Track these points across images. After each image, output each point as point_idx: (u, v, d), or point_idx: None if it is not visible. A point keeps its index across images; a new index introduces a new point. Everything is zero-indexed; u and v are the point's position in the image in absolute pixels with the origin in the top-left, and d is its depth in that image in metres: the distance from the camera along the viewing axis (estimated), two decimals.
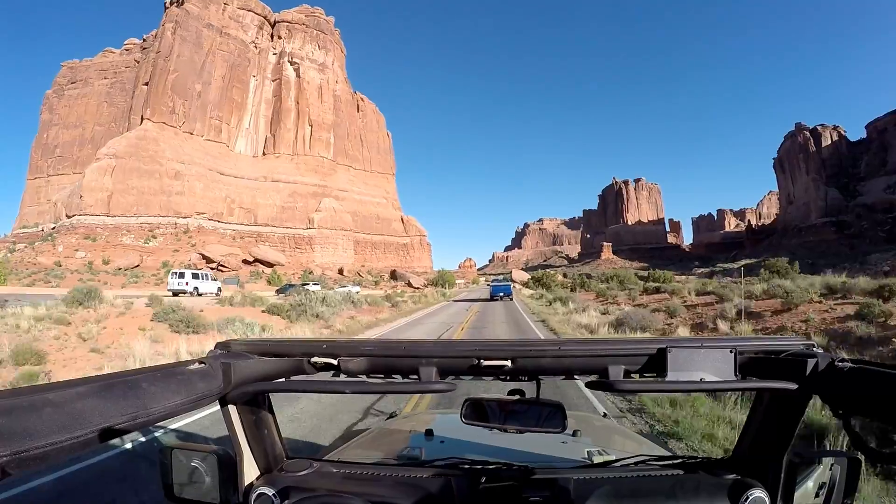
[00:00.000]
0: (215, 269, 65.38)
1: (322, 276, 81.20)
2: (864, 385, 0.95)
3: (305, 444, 5.27)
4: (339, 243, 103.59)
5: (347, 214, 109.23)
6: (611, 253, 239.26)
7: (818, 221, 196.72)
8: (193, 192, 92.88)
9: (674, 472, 1.38)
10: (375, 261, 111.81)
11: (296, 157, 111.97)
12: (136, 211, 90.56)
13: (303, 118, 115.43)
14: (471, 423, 1.32)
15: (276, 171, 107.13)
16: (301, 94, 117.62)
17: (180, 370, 1.01)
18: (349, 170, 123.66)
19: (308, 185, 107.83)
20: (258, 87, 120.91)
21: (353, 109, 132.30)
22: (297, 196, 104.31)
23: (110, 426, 0.74)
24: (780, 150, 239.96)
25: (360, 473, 1.42)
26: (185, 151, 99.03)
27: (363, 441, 2.25)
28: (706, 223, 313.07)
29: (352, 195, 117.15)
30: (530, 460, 1.54)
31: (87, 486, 4.46)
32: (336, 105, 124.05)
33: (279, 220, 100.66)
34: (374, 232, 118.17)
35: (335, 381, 1.24)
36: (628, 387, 1.12)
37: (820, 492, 1.17)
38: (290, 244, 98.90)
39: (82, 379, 0.80)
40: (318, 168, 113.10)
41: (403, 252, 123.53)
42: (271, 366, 1.24)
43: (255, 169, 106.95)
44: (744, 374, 1.14)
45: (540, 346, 1.21)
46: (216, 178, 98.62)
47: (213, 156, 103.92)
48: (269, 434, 1.39)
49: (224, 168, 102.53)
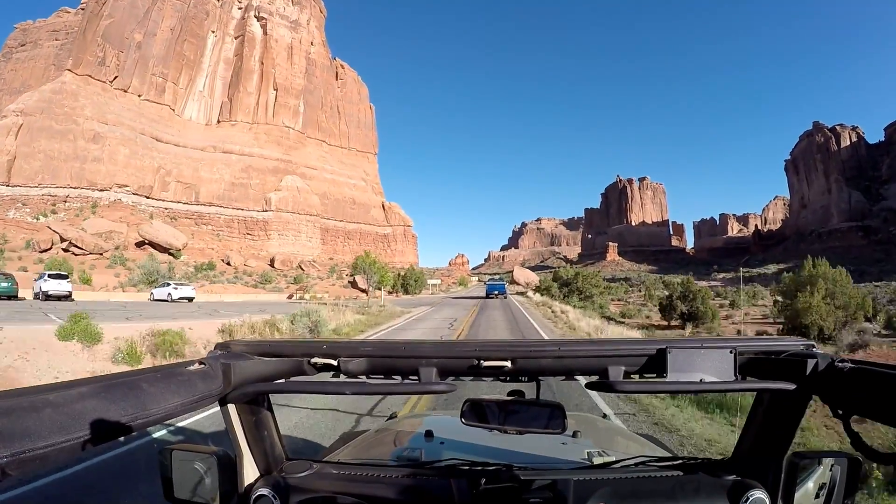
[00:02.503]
0: (65, 250, 46.18)
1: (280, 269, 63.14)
2: (864, 385, 0.95)
3: (305, 446, 5.25)
4: (303, 230, 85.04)
5: (315, 196, 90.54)
6: (616, 254, 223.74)
7: (843, 225, 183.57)
8: (115, 160, 74.02)
9: (674, 473, 1.38)
10: (348, 253, 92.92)
11: (255, 126, 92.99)
12: (41, 180, 71.66)
13: (267, 81, 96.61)
14: (470, 424, 1.33)
15: (229, 141, 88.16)
16: (267, 53, 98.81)
17: (180, 371, 1.01)
18: (321, 145, 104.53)
19: (268, 160, 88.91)
20: (217, 45, 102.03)
21: (331, 77, 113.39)
22: (252, 171, 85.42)
23: (110, 427, 0.74)
24: (794, 151, 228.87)
25: (359, 475, 1.42)
26: (112, 110, 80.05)
27: (363, 442, 2.23)
28: (707, 227, 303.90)
29: (322, 174, 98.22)
30: (530, 461, 1.55)
31: (88, 485, 4.48)
32: (309, 70, 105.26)
33: (227, 198, 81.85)
34: (349, 219, 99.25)
35: (335, 382, 1.22)
36: (628, 387, 1.13)
37: (820, 492, 1.17)
38: (240, 229, 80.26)
39: (83, 380, 0.81)
40: (282, 140, 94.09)
41: (383, 244, 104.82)
42: (271, 366, 1.24)
43: (202, 137, 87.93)
44: (744, 374, 1.15)
45: (540, 346, 1.21)
46: (150, 144, 79.75)
47: (152, 119, 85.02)
48: (268, 435, 1.38)
49: (163, 134, 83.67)
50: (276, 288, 53.45)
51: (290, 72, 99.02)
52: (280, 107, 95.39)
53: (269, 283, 54.40)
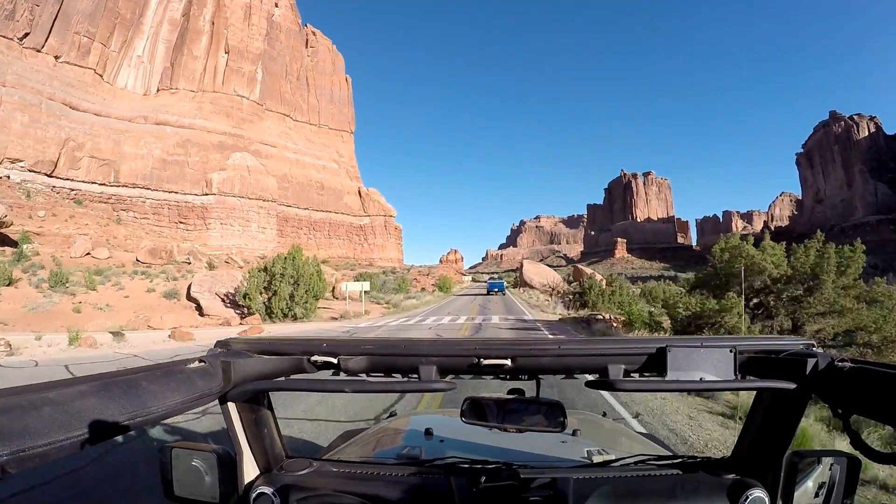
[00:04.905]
0: None
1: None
2: (864, 385, 0.94)
3: (305, 444, 5.29)
4: (253, 218, 69.07)
5: (271, 178, 74.47)
6: (625, 251, 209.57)
7: (870, 219, 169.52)
8: (7, 129, 58.16)
9: (673, 472, 1.38)
10: (314, 247, 77.02)
11: (201, 95, 76.92)
12: None
13: (218, 44, 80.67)
14: (470, 422, 1.32)
15: (165, 111, 72.09)
16: (219, 12, 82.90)
17: (180, 368, 1.01)
18: (284, 119, 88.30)
19: (212, 133, 72.82)
20: (161, 4, 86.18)
21: (299, 44, 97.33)
22: (190, 146, 69.35)
23: (110, 425, 0.74)
24: (807, 143, 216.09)
25: (359, 473, 1.42)
26: (15, 71, 64.00)
27: (362, 440, 2.24)
28: (711, 225, 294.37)
29: (283, 152, 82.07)
30: (530, 460, 1.55)
31: (87, 486, 4.35)
32: (272, 34, 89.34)
33: (157, 179, 65.81)
34: (315, 206, 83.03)
35: (335, 380, 1.23)
36: (628, 386, 1.12)
37: (820, 492, 1.17)
38: (171, 216, 64.36)
39: (82, 378, 0.80)
40: (233, 110, 77.97)
41: (360, 237, 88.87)
42: (271, 364, 1.24)
43: (132, 106, 71.87)
44: (743, 373, 1.15)
45: (540, 345, 1.20)
46: (59, 112, 63.77)
47: (68, 84, 69.03)
48: (268, 433, 1.38)
49: (80, 101, 67.68)
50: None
51: (247, 33, 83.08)
52: (232, 72, 79.28)
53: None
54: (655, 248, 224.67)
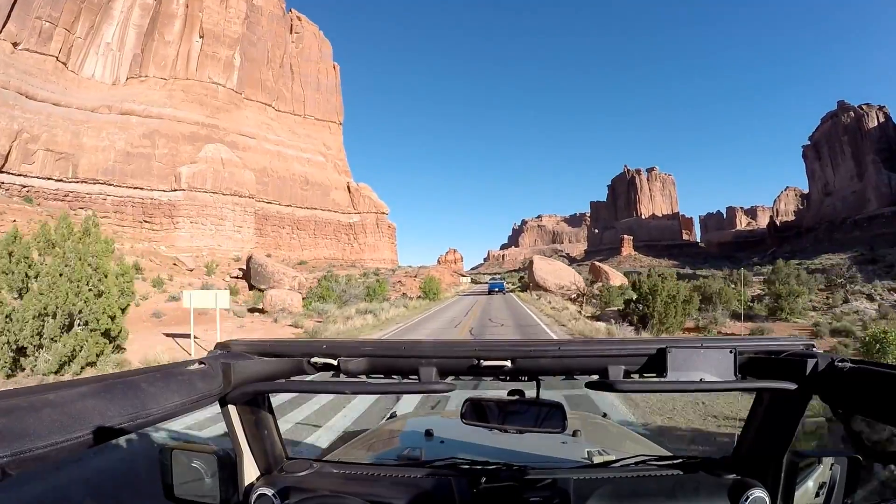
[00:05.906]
0: None
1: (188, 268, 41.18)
2: (864, 385, 0.95)
3: (305, 445, 5.24)
4: (228, 216, 62.80)
5: (249, 172, 68.13)
6: (632, 248, 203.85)
7: (886, 210, 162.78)
8: None
9: (674, 472, 1.38)
10: (297, 248, 70.81)
11: (172, 82, 70.71)
12: None
13: (192, 28, 74.51)
14: (470, 423, 1.33)
15: (132, 100, 65.89)
16: None
17: (180, 370, 1.00)
18: (265, 109, 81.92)
19: (182, 123, 66.50)
20: None
21: (283, 29, 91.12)
22: (158, 137, 63.08)
23: (110, 427, 0.74)
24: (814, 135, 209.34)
25: (359, 474, 1.42)
26: None
27: (363, 441, 2.26)
28: (714, 221, 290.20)
29: (262, 144, 75.65)
30: (530, 461, 1.54)
31: (87, 486, 4.36)
32: (253, 18, 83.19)
33: (120, 174, 59.58)
34: (299, 203, 76.62)
35: (335, 382, 1.23)
36: (628, 387, 1.13)
37: (820, 492, 1.17)
38: (135, 214, 58.18)
39: (82, 379, 0.80)
40: (207, 99, 71.67)
41: (349, 236, 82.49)
42: (271, 366, 1.24)
43: (97, 96, 65.74)
44: (744, 374, 1.15)
45: (540, 346, 1.20)
46: (12, 101, 57.73)
47: (24, 71, 62.99)
48: (269, 434, 1.39)
49: (38, 91, 61.67)
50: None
51: (224, 16, 76.84)
52: (206, 57, 72.99)
53: None
54: (661, 246, 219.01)
